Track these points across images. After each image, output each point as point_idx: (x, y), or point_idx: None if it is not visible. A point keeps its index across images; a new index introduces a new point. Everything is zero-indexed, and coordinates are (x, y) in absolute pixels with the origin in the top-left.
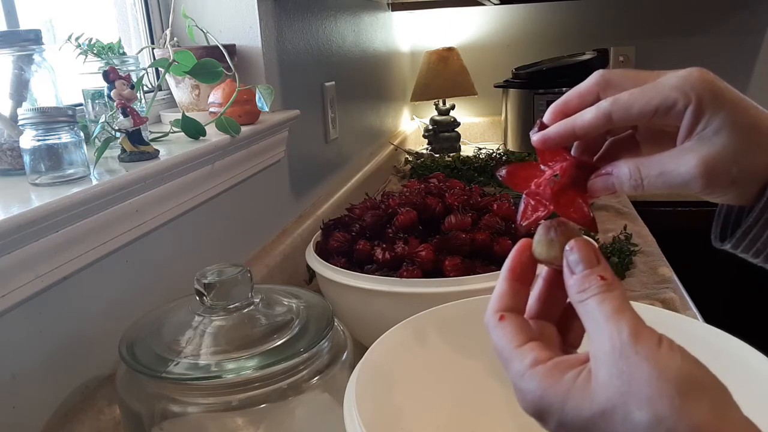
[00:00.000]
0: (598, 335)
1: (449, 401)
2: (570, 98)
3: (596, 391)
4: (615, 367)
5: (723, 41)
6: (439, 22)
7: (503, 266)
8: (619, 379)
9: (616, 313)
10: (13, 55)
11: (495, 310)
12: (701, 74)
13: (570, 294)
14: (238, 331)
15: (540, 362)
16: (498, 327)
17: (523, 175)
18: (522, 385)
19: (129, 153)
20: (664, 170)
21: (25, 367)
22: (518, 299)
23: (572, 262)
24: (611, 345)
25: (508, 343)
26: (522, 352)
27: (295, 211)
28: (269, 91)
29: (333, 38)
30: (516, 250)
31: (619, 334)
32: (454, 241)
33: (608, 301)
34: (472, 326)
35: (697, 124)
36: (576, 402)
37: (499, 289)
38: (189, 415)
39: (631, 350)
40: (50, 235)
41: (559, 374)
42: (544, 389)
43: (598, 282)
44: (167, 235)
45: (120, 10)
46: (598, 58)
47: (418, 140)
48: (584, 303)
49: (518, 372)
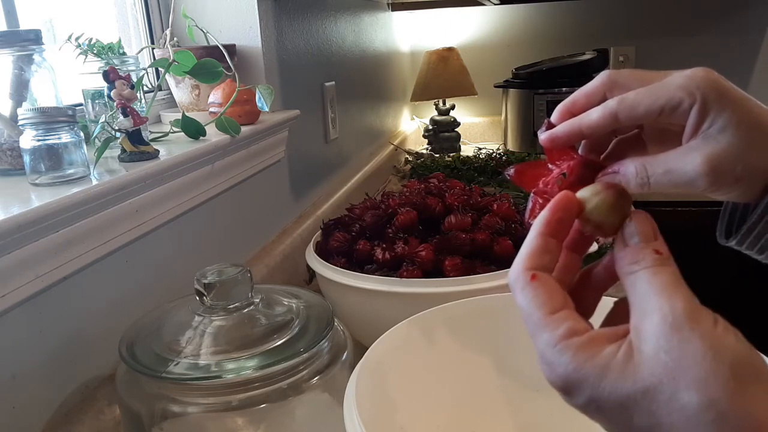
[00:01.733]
0: (646, 308)
1: (449, 401)
2: (577, 98)
3: (640, 367)
4: (665, 341)
5: (723, 41)
6: (439, 22)
7: (537, 220)
8: (668, 355)
9: (669, 287)
10: (13, 55)
11: (526, 267)
12: (706, 74)
13: (620, 265)
14: (238, 331)
15: (575, 333)
16: (529, 288)
17: (531, 174)
18: (551, 357)
19: (129, 153)
20: (670, 168)
21: (25, 367)
22: (551, 258)
23: (628, 233)
24: (662, 318)
25: (539, 308)
26: (555, 320)
27: (295, 211)
28: (269, 91)
29: (333, 38)
30: (558, 204)
31: (671, 309)
32: (454, 241)
33: (661, 274)
34: (472, 326)
35: (702, 122)
36: (614, 377)
37: (533, 245)
38: (189, 415)
39: (685, 325)
40: (50, 235)
41: (597, 348)
42: (578, 363)
43: (653, 255)
44: (167, 235)
45: (120, 10)
46: (598, 58)
47: (418, 140)
48: (635, 275)
49: (549, 342)
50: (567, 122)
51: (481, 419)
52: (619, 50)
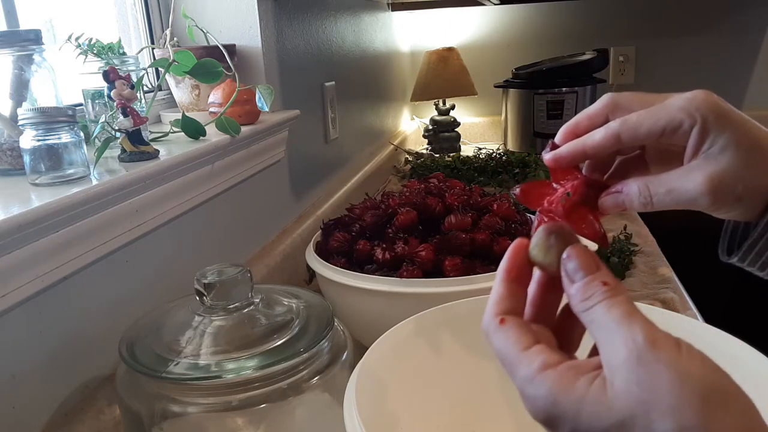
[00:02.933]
0: (610, 342)
1: (449, 401)
2: (580, 120)
3: (613, 400)
4: (633, 374)
5: (723, 41)
6: (439, 22)
7: (499, 268)
8: (639, 387)
9: (626, 318)
10: (13, 55)
11: (494, 313)
12: (706, 96)
13: (573, 303)
14: (238, 331)
15: (550, 366)
16: (499, 331)
17: (537, 193)
18: (531, 391)
19: (129, 153)
20: (672, 188)
21: (25, 367)
22: (517, 301)
23: (571, 270)
24: (627, 351)
25: (512, 347)
26: (529, 356)
27: (295, 211)
28: (269, 91)
29: (333, 38)
30: (512, 252)
31: (633, 340)
32: (454, 241)
33: (615, 306)
34: (472, 326)
35: (702, 143)
36: (592, 410)
37: (497, 292)
38: (189, 415)
39: (650, 356)
40: (50, 235)
41: (572, 379)
42: (556, 395)
43: (602, 288)
44: (167, 235)
45: (120, 10)
46: (598, 58)
47: (418, 140)
48: (590, 311)
49: (526, 377)
50: (571, 143)
51: (481, 419)
52: (619, 50)
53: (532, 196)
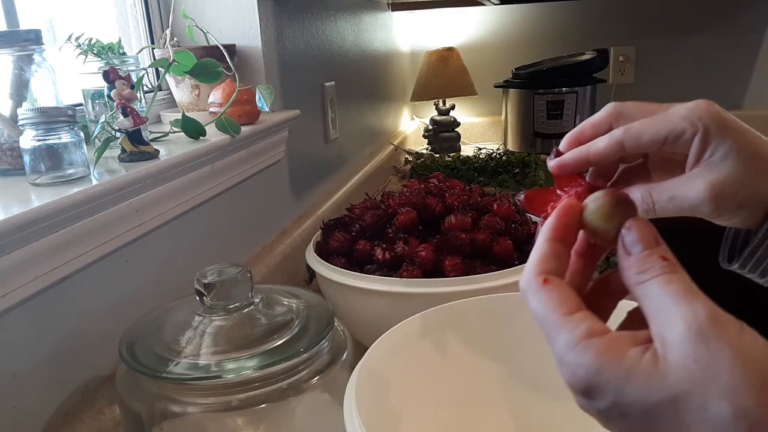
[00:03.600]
0: (666, 317)
1: (449, 401)
2: (584, 128)
3: (666, 375)
4: (692, 349)
5: (723, 41)
6: (439, 22)
7: (544, 227)
8: (697, 363)
9: (687, 294)
10: (13, 55)
11: (538, 272)
12: (707, 105)
13: (627, 276)
14: (238, 331)
15: (596, 334)
16: (542, 291)
17: (541, 200)
18: (571, 358)
19: (129, 153)
20: (674, 194)
21: (25, 367)
22: (560, 263)
23: (629, 242)
24: (686, 326)
25: (554, 310)
26: (573, 321)
27: (295, 211)
28: (269, 91)
29: (333, 38)
30: (562, 210)
31: (695, 315)
32: (454, 241)
33: (675, 282)
34: (472, 326)
35: (704, 151)
36: (640, 383)
37: (541, 251)
38: (189, 415)
39: (712, 333)
40: (50, 235)
41: (620, 350)
42: (601, 364)
43: (661, 263)
44: (167, 235)
45: (120, 10)
46: (598, 58)
47: (418, 140)
48: (645, 284)
49: (568, 342)
50: (575, 150)
51: (481, 419)
52: (619, 50)
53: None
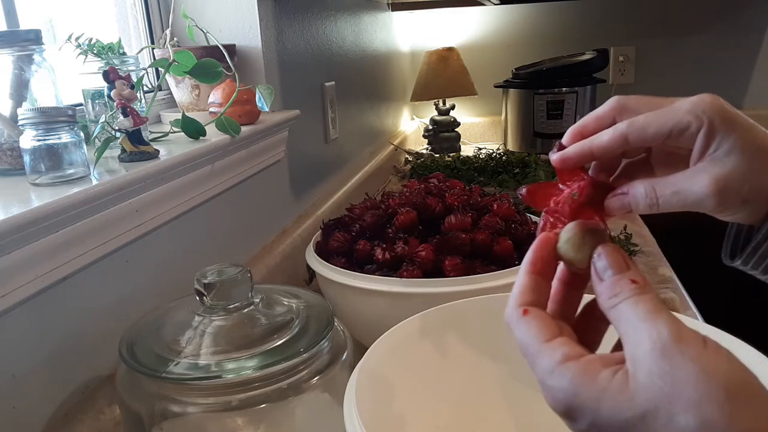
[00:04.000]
0: (634, 337)
1: (449, 401)
2: (587, 121)
3: (636, 393)
4: (657, 366)
5: (723, 41)
6: (439, 22)
7: (524, 260)
8: (662, 380)
9: (652, 313)
10: (13, 55)
11: (518, 304)
12: (712, 99)
13: (600, 300)
14: (238, 331)
15: (571, 358)
16: (522, 321)
17: (543, 194)
18: (551, 382)
19: (129, 153)
20: (678, 189)
21: (25, 367)
22: (540, 294)
23: (600, 268)
24: (651, 344)
25: (534, 338)
26: (551, 347)
27: (295, 211)
28: (269, 91)
29: (333, 38)
30: (538, 245)
31: (659, 334)
32: (454, 241)
33: (642, 302)
34: (473, 326)
35: (709, 145)
36: (613, 402)
37: (521, 283)
38: (189, 415)
39: (675, 350)
40: (50, 235)
41: (594, 372)
42: (576, 386)
43: (630, 285)
44: (167, 235)
45: (120, 10)
46: (598, 58)
47: (418, 140)
48: (617, 307)
49: (547, 368)
50: (578, 144)
51: (481, 419)
52: (619, 50)
53: (538, 196)
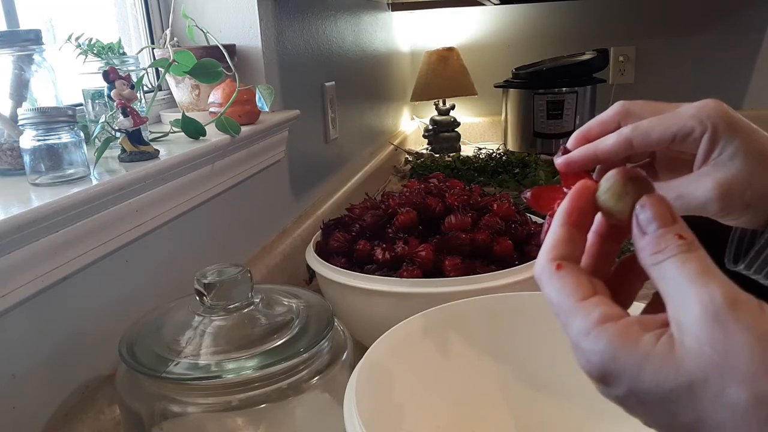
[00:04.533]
0: (681, 299)
1: (450, 401)
2: (592, 126)
3: (682, 360)
4: (709, 333)
5: (723, 41)
6: (439, 22)
7: (558, 210)
8: (713, 349)
9: (704, 275)
10: (13, 55)
11: (551, 258)
12: (716, 105)
13: (642, 256)
14: (238, 331)
15: (610, 319)
16: (555, 277)
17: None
18: (586, 344)
19: (129, 153)
20: (682, 193)
21: (25, 367)
22: (575, 247)
23: (644, 220)
24: (702, 309)
25: (568, 296)
26: (587, 307)
27: (295, 211)
28: (269, 91)
29: (333, 38)
30: (575, 193)
31: (711, 297)
32: (454, 241)
33: (691, 261)
34: (472, 326)
35: (712, 150)
36: (656, 368)
37: (555, 235)
38: (189, 415)
39: (729, 316)
40: (50, 235)
41: (635, 335)
42: (616, 349)
43: (677, 241)
44: (167, 235)
45: (120, 10)
46: (598, 58)
47: (418, 140)
48: (661, 265)
49: (583, 329)
50: (583, 147)
51: (481, 419)
52: (619, 50)
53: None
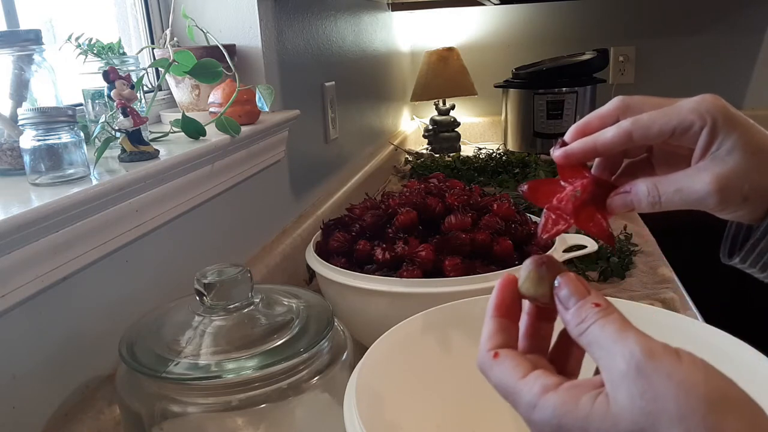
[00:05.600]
0: (608, 359)
1: (449, 401)
2: (591, 120)
3: (618, 414)
4: (635, 386)
5: (723, 41)
6: (439, 22)
7: (488, 305)
8: (642, 399)
9: (621, 332)
10: (13, 55)
11: (487, 349)
12: (714, 99)
13: (569, 329)
14: (238, 331)
15: (550, 388)
16: (495, 364)
17: (545, 191)
18: (535, 416)
19: (129, 153)
20: (680, 187)
21: (25, 367)
22: (509, 335)
23: (563, 297)
24: (626, 365)
25: (509, 378)
26: (528, 382)
27: (295, 211)
28: (269, 91)
29: (333, 38)
30: (500, 288)
31: (631, 353)
32: (454, 241)
33: (609, 323)
34: (472, 326)
35: (711, 144)
36: (598, 426)
37: (488, 329)
38: (189, 415)
39: (649, 367)
40: (50, 235)
41: (574, 399)
42: (561, 416)
43: (594, 309)
44: (167, 235)
45: (120, 10)
46: (598, 58)
47: (418, 140)
48: (586, 333)
49: (529, 404)
50: (582, 140)
51: (481, 419)
52: (619, 50)
53: (539, 193)
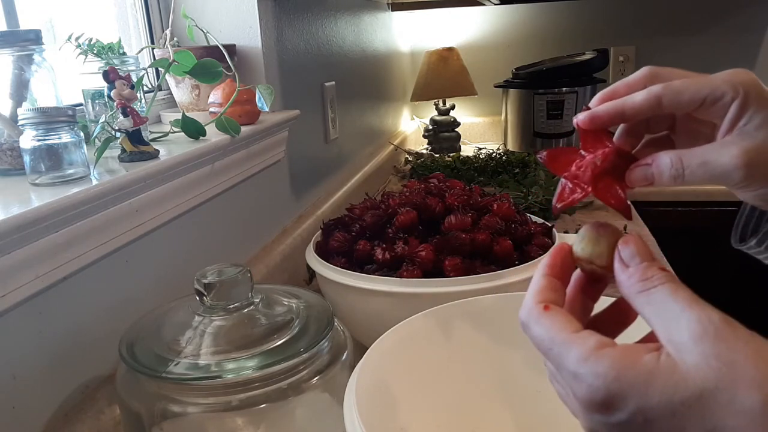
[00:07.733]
0: (677, 322)
1: (449, 401)
2: (618, 87)
3: (689, 373)
4: (712, 349)
5: (723, 41)
6: (439, 22)
7: (540, 264)
8: (719, 361)
9: (697, 301)
10: (13, 55)
11: (538, 301)
12: (748, 74)
13: (627, 285)
14: (238, 331)
15: (607, 344)
16: (544, 316)
17: (564, 159)
18: (587, 369)
19: (129, 153)
20: (706, 160)
21: (25, 367)
22: (558, 295)
23: (626, 256)
24: (702, 329)
25: (560, 330)
26: (582, 336)
27: (295, 211)
28: (269, 91)
29: (333, 38)
30: (554, 251)
31: (710, 320)
32: (454, 241)
33: (682, 290)
34: (472, 326)
35: (740, 118)
36: (664, 382)
37: (538, 284)
38: (189, 415)
39: (729, 333)
40: (50, 235)
41: (636, 355)
42: (619, 369)
43: (663, 272)
44: (167, 235)
45: (120, 10)
46: (598, 58)
47: (418, 140)
48: (650, 292)
49: (580, 356)
50: (609, 103)
51: (481, 419)
52: (619, 50)
53: (558, 161)
